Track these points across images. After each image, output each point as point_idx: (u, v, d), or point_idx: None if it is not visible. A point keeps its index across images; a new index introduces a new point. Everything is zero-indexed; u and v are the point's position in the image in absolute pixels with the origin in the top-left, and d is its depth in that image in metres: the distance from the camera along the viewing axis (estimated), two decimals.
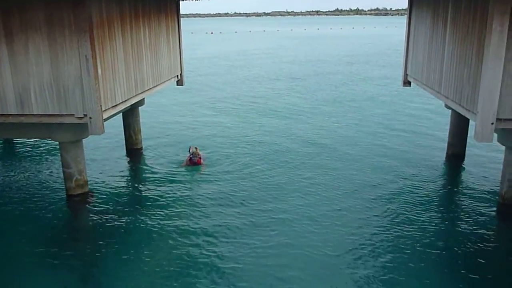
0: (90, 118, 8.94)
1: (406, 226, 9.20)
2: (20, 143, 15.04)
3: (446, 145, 13.79)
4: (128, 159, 13.73)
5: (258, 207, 10.06)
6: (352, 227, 9.17)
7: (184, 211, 9.95)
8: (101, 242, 8.75)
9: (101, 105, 8.96)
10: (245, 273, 7.58)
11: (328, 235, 8.85)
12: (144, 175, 12.32)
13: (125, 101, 10.42)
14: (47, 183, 11.60)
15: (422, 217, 9.60)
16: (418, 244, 8.47)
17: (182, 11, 14.13)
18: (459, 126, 13.05)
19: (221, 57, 44.42)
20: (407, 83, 14.79)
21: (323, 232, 8.96)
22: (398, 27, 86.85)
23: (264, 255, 8.12)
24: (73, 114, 9.04)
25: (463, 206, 10.31)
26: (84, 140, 10.35)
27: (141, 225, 9.36)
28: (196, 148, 13.08)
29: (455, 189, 11.53)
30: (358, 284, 7.34)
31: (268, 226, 9.19)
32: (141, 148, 14.43)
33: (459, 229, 9.19)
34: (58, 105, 9.01)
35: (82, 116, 9.01)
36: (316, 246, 8.39)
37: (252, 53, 47.42)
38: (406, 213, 9.78)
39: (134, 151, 14.18)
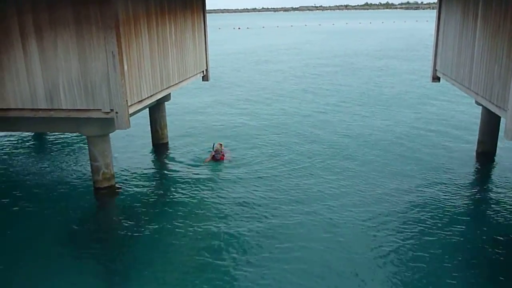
0: (116, 113, 9.10)
1: (433, 227, 8.91)
2: (51, 136, 15.44)
3: (475, 143, 13.46)
4: (154, 153, 13.92)
5: (280, 207, 9.91)
6: (378, 229, 8.93)
7: (206, 207, 10.00)
8: (125, 236, 8.90)
9: (127, 100, 9.11)
10: (262, 277, 7.43)
11: (352, 238, 8.61)
12: (169, 170, 12.47)
13: (151, 96, 10.56)
14: (76, 176, 11.88)
15: (451, 218, 9.34)
16: (447, 248, 8.20)
17: (210, 7, 14.41)
18: (490, 123, 12.70)
19: (247, 52, 44.44)
20: (436, 78, 14.51)
21: (347, 235, 8.72)
22: (429, 21, 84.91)
23: (283, 259, 7.94)
24: (100, 109, 9.22)
25: (493, 207, 10.01)
26: (111, 134, 10.54)
27: (165, 219, 9.47)
28: (220, 145, 13.15)
29: (485, 189, 11.20)
30: (382, 281, 7.23)
31: (290, 227, 9.02)
32: (167, 143, 14.61)
33: (489, 231, 8.90)
34: (86, 100, 9.20)
35: (109, 111, 9.18)
36: (338, 251, 8.17)
37: (279, 48, 47.24)
38: (434, 213, 9.51)
39: (160, 146, 14.37)
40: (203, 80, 15.30)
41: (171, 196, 10.66)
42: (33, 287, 7.26)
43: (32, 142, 15.07)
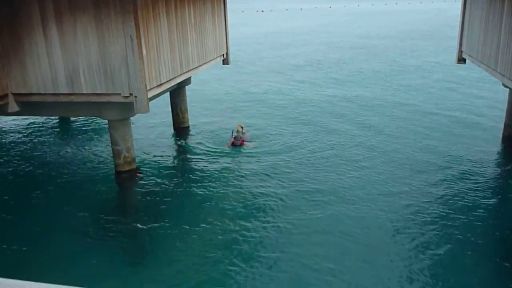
0: (136, 97, 9.15)
1: (457, 213, 8.73)
2: (75, 120, 15.69)
3: (502, 126, 13.08)
4: (175, 137, 14.01)
5: (299, 196, 9.73)
6: (398, 214, 8.79)
7: (225, 194, 9.98)
8: (143, 220, 9.01)
9: (146, 85, 9.15)
10: (278, 262, 7.38)
11: (373, 222, 8.49)
12: (188, 154, 12.54)
13: (170, 80, 10.57)
14: (99, 160, 12.08)
15: (476, 204, 9.15)
16: (469, 234, 8.01)
17: None
18: None
19: (269, 35, 43.98)
20: (461, 60, 14.13)
21: (367, 219, 8.59)
22: (457, 1, 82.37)
23: (301, 243, 7.90)
24: (120, 93, 9.28)
25: None
26: (133, 118, 10.61)
27: (183, 204, 9.57)
28: (241, 127, 13.14)
29: (511, 173, 10.94)
30: (402, 277, 7.04)
31: (309, 212, 8.94)
32: (188, 127, 14.67)
33: None
34: (106, 84, 9.27)
35: (128, 95, 9.23)
36: (358, 235, 8.05)
37: (302, 31, 46.58)
38: (458, 199, 9.30)
39: (181, 130, 14.45)
40: (223, 64, 15.26)
41: (189, 182, 10.70)
42: (53, 269, 7.43)
43: (56, 126, 15.36)
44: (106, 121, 10.76)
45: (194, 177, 10.87)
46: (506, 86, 11.34)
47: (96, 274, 7.27)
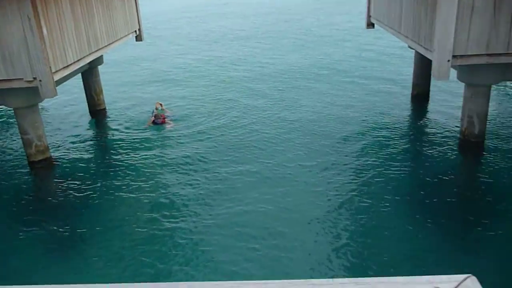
0: (40, 80, 8.57)
1: (376, 178, 9.05)
2: None
3: (410, 86, 13.83)
4: (91, 121, 13.36)
5: (222, 170, 9.71)
6: (321, 186, 8.90)
7: (148, 174, 9.76)
8: (64, 210, 8.63)
9: (50, 67, 8.58)
10: (199, 247, 7.28)
11: (296, 197, 8.54)
12: (108, 137, 12.07)
13: (78, 60, 10.00)
14: (9, 151, 11.29)
15: (389, 160, 9.70)
16: (388, 197, 8.33)
17: None
18: (423, 66, 13.03)
19: (185, 10, 42.93)
20: (370, 25, 14.61)
21: (290, 195, 8.63)
22: None
23: (224, 224, 7.80)
24: (22, 78, 8.64)
25: (427, 145, 10.49)
26: (45, 104, 9.96)
27: (106, 189, 9.22)
28: (160, 104, 12.82)
29: (420, 129, 11.67)
30: (326, 248, 7.24)
31: (230, 195, 8.78)
32: (104, 109, 14.04)
33: (425, 166, 9.41)
34: (5, 70, 8.59)
35: (32, 79, 8.63)
36: (280, 212, 8.08)
37: (219, 3, 45.85)
38: (375, 165, 9.59)
39: (97, 113, 13.80)
40: (136, 41, 14.69)
41: (109, 168, 10.24)
42: None
43: None
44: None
45: (114, 161, 10.48)
46: (411, 48, 11.93)
47: (14, 272, 6.89)
